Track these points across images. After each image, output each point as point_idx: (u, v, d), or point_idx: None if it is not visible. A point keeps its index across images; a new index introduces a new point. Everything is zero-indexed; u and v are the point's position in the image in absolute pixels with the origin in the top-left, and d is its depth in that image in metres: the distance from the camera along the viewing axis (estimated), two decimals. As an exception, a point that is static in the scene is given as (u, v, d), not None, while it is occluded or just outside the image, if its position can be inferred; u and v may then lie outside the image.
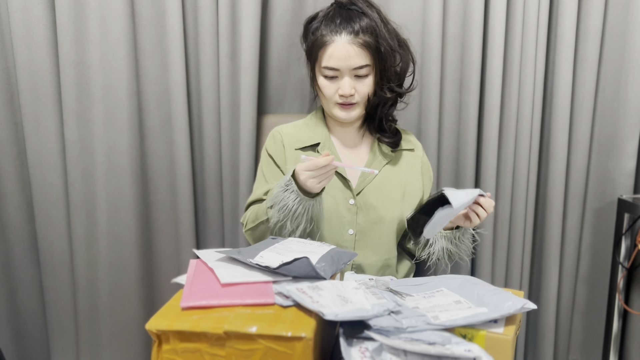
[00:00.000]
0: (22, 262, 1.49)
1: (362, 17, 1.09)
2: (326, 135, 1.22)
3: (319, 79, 1.14)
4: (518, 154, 1.60)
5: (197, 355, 0.65)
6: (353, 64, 1.08)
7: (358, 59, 1.08)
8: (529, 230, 1.66)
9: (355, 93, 1.12)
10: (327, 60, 1.09)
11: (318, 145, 1.20)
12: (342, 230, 1.17)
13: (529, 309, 0.75)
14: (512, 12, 1.52)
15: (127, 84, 1.40)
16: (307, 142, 1.20)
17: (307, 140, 1.20)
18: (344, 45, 1.08)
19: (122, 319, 1.51)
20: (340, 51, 1.08)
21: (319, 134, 1.22)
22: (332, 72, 1.11)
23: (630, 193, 1.66)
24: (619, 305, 1.67)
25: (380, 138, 1.22)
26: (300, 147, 1.20)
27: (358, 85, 1.12)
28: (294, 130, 1.24)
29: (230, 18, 1.43)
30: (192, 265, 0.84)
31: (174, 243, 1.54)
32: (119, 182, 1.44)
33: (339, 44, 1.08)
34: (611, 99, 1.64)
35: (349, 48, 1.07)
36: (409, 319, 0.70)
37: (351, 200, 1.17)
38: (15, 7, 1.31)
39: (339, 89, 1.11)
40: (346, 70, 1.10)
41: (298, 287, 0.73)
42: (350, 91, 1.11)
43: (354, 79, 1.11)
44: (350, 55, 1.08)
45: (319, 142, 1.20)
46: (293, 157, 1.20)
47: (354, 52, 1.08)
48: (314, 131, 1.22)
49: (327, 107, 1.18)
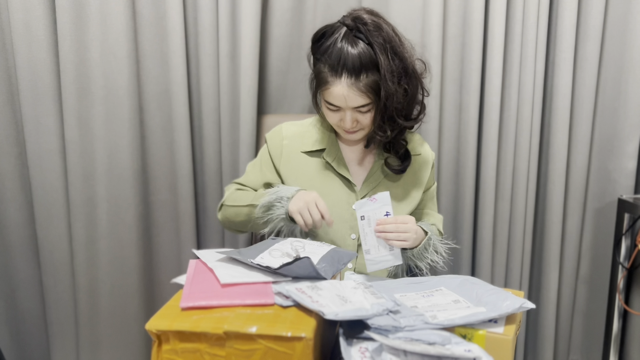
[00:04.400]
0: (22, 262, 1.49)
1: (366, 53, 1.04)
2: (333, 140, 1.21)
3: (323, 105, 1.14)
4: (518, 154, 1.60)
5: (197, 355, 0.65)
6: (353, 104, 1.08)
7: (359, 99, 1.07)
8: (529, 231, 1.66)
9: (357, 124, 1.12)
10: (329, 97, 1.09)
11: (324, 151, 1.20)
12: (344, 234, 1.17)
13: (527, 309, 0.76)
14: (511, 12, 1.52)
15: (128, 84, 1.40)
16: (312, 146, 1.20)
17: (313, 145, 1.20)
18: (343, 88, 1.06)
19: (122, 319, 1.51)
20: (340, 94, 1.07)
21: (326, 139, 1.21)
22: (334, 107, 1.11)
23: (631, 193, 1.66)
24: (619, 306, 1.67)
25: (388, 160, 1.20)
26: (306, 151, 1.20)
27: (360, 117, 1.11)
28: (301, 130, 1.23)
29: (230, 18, 1.43)
30: (191, 266, 0.84)
31: (175, 243, 1.55)
32: (119, 182, 1.44)
33: (338, 87, 1.06)
34: (611, 99, 1.64)
35: (349, 92, 1.06)
36: (407, 318, 0.70)
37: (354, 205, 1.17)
38: (15, 7, 1.31)
39: (341, 120, 1.12)
40: (347, 108, 1.09)
41: (297, 287, 0.73)
42: (351, 125, 1.11)
43: (356, 113, 1.11)
44: (351, 98, 1.07)
45: (325, 147, 1.20)
46: (296, 159, 1.19)
47: (354, 95, 1.06)
48: (322, 135, 1.22)
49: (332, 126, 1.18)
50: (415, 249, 1.09)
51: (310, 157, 1.19)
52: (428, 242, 1.10)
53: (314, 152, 1.20)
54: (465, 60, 1.54)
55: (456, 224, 1.66)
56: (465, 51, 1.54)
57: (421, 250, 1.09)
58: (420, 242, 1.09)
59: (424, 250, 1.09)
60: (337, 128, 1.16)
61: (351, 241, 1.17)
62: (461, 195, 1.63)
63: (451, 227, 1.66)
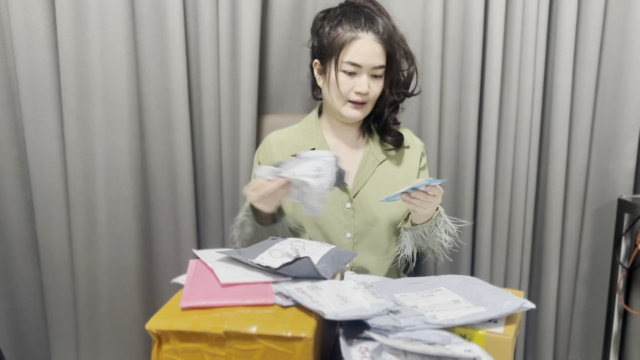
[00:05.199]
0: (22, 262, 1.49)
1: (380, 19, 1.12)
2: (322, 140, 1.22)
3: (338, 74, 1.13)
4: (517, 154, 1.60)
5: (197, 355, 0.65)
6: (375, 62, 1.10)
7: (379, 59, 1.11)
8: (529, 230, 1.66)
9: (369, 92, 1.13)
10: (352, 55, 1.09)
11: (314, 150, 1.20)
12: (339, 234, 1.17)
13: (527, 309, 0.76)
14: (511, 12, 1.52)
15: (127, 84, 1.40)
16: (302, 147, 1.20)
17: (303, 146, 1.21)
18: (370, 42, 1.09)
19: (122, 319, 1.51)
20: (367, 48, 1.09)
21: (315, 139, 1.22)
22: (353, 68, 1.11)
23: (630, 193, 1.66)
24: (619, 306, 1.67)
25: (384, 138, 1.23)
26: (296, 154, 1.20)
27: (372, 84, 1.13)
28: (289, 135, 1.24)
29: (230, 18, 1.43)
30: (191, 266, 0.84)
31: (174, 243, 1.54)
32: (119, 182, 1.44)
33: (366, 40, 1.09)
34: (611, 99, 1.64)
35: (375, 46, 1.09)
36: (406, 318, 0.70)
37: (347, 204, 1.17)
38: (15, 7, 1.31)
39: (356, 86, 1.12)
40: (367, 68, 1.11)
41: (297, 287, 0.73)
42: (367, 89, 1.12)
43: (370, 78, 1.12)
44: (375, 54, 1.10)
45: (314, 147, 1.20)
46: None
47: (379, 51, 1.10)
48: (309, 136, 1.22)
49: (335, 105, 1.16)
50: (426, 224, 1.10)
51: None
52: (439, 218, 1.12)
53: None
54: (465, 60, 1.54)
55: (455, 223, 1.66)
56: (465, 51, 1.54)
57: (432, 227, 1.10)
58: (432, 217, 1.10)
59: (434, 227, 1.10)
60: (342, 105, 1.15)
61: (346, 240, 1.17)
62: (461, 194, 1.63)
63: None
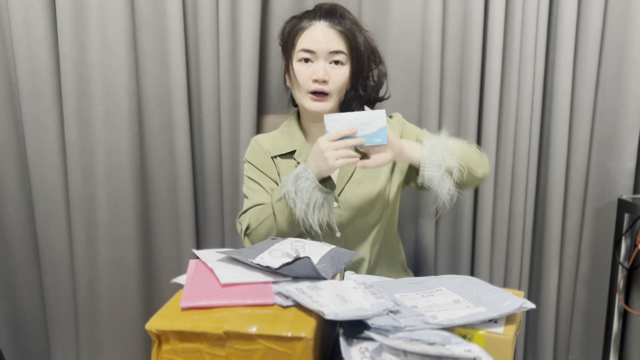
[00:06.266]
0: (22, 262, 1.50)
1: (343, 17, 1.12)
2: (302, 142, 1.21)
3: (294, 65, 1.13)
4: (517, 154, 1.60)
5: (197, 355, 0.65)
6: (329, 47, 1.10)
7: (335, 44, 1.10)
8: (529, 230, 1.66)
9: (329, 80, 1.11)
10: (305, 42, 1.10)
11: (294, 152, 1.20)
12: (327, 233, 1.16)
13: (527, 309, 0.75)
14: (511, 12, 1.52)
15: (127, 84, 1.40)
16: (283, 149, 1.19)
17: (283, 147, 1.20)
18: (322, 28, 1.10)
19: (122, 319, 1.51)
20: (318, 33, 1.10)
21: (295, 142, 1.21)
22: (307, 55, 1.11)
23: (630, 193, 1.66)
24: (619, 306, 1.67)
25: None
26: (276, 155, 1.20)
27: (332, 73, 1.11)
28: (270, 139, 1.23)
29: (230, 18, 1.43)
30: (191, 266, 0.84)
31: (174, 243, 1.54)
32: (119, 181, 1.44)
33: (317, 27, 1.10)
34: (611, 99, 1.64)
35: (327, 31, 1.10)
36: (407, 318, 0.70)
37: (334, 204, 1.16)
38: (15, 7, 1.31)
39: (313, 73, 1.11)
40: (322, 53, 1.10)
41: (297, 287, 0.73)
42: (323, 75, 1.10)
43: (329, 66, 1.11)
44: (328, 39, 1.09)
45: (295, 149, 1.20)
46: (270, 164, 1.19)
47: (332, 37, 1.10)
48: (290, 138, 1.21)
49: (300, 100, 1.16)
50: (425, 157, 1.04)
51: (283, 159, 1.20)
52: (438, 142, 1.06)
53: (286, 155, 1.20)
54: (465, 60, 1.54)
55: (455, 223, 1.66)
56: (465, 51, 1.54)
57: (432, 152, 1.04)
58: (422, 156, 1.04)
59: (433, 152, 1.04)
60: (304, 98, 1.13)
61: (337, 239, 1.17)
62: (460, 194, 1.63)
63: (450, 227, 1.66)
